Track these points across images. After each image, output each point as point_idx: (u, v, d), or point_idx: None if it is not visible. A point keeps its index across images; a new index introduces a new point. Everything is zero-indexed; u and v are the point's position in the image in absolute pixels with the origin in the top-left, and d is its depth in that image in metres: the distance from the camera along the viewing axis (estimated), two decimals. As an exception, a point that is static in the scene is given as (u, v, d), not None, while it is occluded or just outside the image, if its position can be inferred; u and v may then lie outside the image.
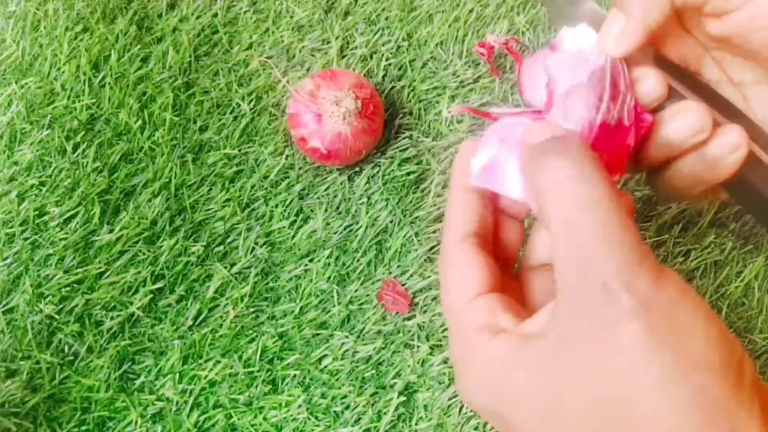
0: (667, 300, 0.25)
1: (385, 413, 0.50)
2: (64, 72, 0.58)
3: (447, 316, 0.32)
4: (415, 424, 0.50)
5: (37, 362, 0.50)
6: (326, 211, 0.56)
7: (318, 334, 0.53)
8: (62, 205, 0.54)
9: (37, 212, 0.54)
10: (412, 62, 0.62)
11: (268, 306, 0.53)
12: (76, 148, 0.56)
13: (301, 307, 0.53)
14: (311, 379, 0.51)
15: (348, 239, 0.55)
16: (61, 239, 0.53)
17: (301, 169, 0.57)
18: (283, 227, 0.55)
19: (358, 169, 0.57)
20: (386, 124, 0.58)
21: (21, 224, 0.53)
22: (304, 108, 0.54)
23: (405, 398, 0.51)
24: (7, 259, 0.52)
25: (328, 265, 0.54)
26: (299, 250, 0.55)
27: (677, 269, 0.56)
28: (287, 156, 0.57)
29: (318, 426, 0.50)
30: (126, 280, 0.52)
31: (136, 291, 0.53)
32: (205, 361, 0.51)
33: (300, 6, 0.63)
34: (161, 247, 0.54)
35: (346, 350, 0.52)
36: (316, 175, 0.57)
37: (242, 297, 0.53)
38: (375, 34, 0.62)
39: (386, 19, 0.63)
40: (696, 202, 0.55)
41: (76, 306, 0.51)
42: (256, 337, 0.52)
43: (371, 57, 0.61)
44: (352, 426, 0.50)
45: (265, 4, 0.63)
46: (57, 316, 0.51)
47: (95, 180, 0.55)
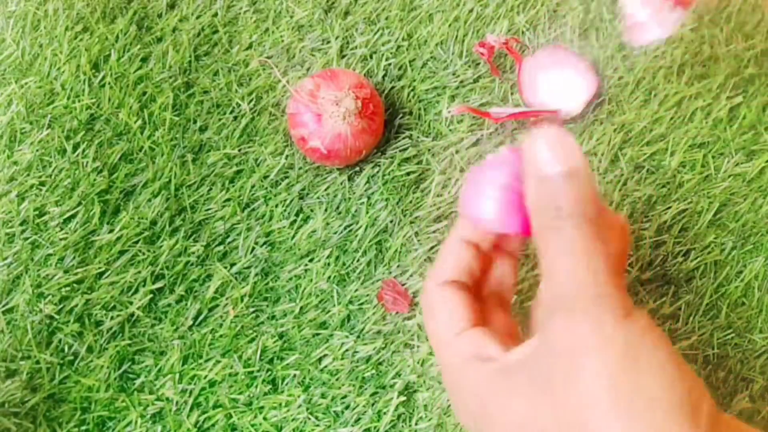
0: (629, 338, 0.26)
1: (385, 413, 0.50)
2: (64, 72, 0.58)
3: (437, 349, 0.34)
4: (415, 424, 0.50)
5: (37, 362, 0.50)
6: (326, 210, 0.56)
7: (318, 334, 0.53)
8: (62, 205, 0.54)
9: (37, 212, 0.54)
10: (412, 62, 0.61)
11: (268, 306, 0.53)
12: (76, 147, 0.56)
13: (301, 307, 0.53)
14: (311, 379, 0.51)
15: (348, 239, 0.55)
16: (61, 239, 0.53)
17: (301, 169, 0.57)
18: (283, 227, 0.55)
19: (358, 169, 0.57)
20: (386, 124, 0.58)
21: (21, 224, 0.53)
22: (304, 108, 0.54)
23: (405, 398, 0.51)
24: (7, 259, 0.52)
25: (328, 265, 0.54)
26: (299, 249, 0.55)
27: (677, 269, 0.56)
28: (287, 156, 0.57)
29: (318, 426, 0.50)
30: (126, 280, 0.52)
31: (136, 291, 0.53)
32: (205, 361, 0.51)
33: (300, 6, 0.63)
34: (161, 247, 0.54)
35: (346, 350, 0.52)
36: (316, 175, 0.57)
37: (242, 297, 0.53)
38: (375, 34, 0.62)
39: (386, 18, 0.63)
40: None
41: (76, 306, 0.51)
42: (256, 337, 0.52)
43: (371, 57, 0.61)
44: (352, 426, 0.50)
45: (265, 4, 0.63)
46: (57, 316, 0.51)
47: (95, 180, 0.55)
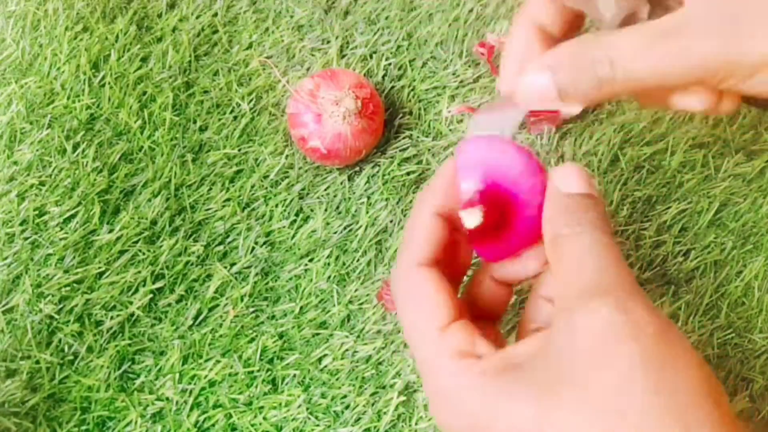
0: (660, 327, 0.26)
1: (385, 413, 0.50)
2: (63, 72, 0.58)
3: (417, 347, 0.30)
4: (415, 424, 0.50)
5: (37, 362, 0.50)
6: (326, 210, 0.56)
7: (318, 334, 0.53)
8: (62, 204, 0.54)
9: (37, 212, 0.54)
10: (412, 62, 0.62)
11: (268, 306, 0.53)
12: (75, 147, 0.56)
13: (301, 307, 0.53)
14: (311, 379, 0.51)
15: (348, 239, 0.55)
16: (61, 239, 0.53)
17: (301, 168, 0.57)
18: (283, 227, 0.55)
19: (358, 169, 0.57)
20: (386, 124, 0.58)
21: (21, 224, 0.53)
22: (304, 108, 0.54)
23: (405, 398, 0.51)
24: (7, 258, 0.52)
25: (328, 264, 0.54)
26: (299, 249, 0.55)
27: (677, 269, 0.56)
28: (287, 156, 0.57)
29: (318, 426, 0.50)
30: (126, 279, 0.52)
31: (136, 291, 0.53)
32: (205, 361, 0.51)
33: (300, 6, 0.63)
34: (161, 246, 0.54)
35: (346, 350, 0.52)
36: (316, 175, 0.57)
37: (242, 297, 0.53)
38: (375, 34, 0.62)
39: (386, 18, 0.63)
40: None
41: (76, 306, 0.51)
42: (256, 336, 0.52)
43: (371, 57, 0.61)
44: (352, 426, 0.50)
45: (265, 4, 0.63)
46: (57, 316, 0.51)
47: (95, 180, 0.55)
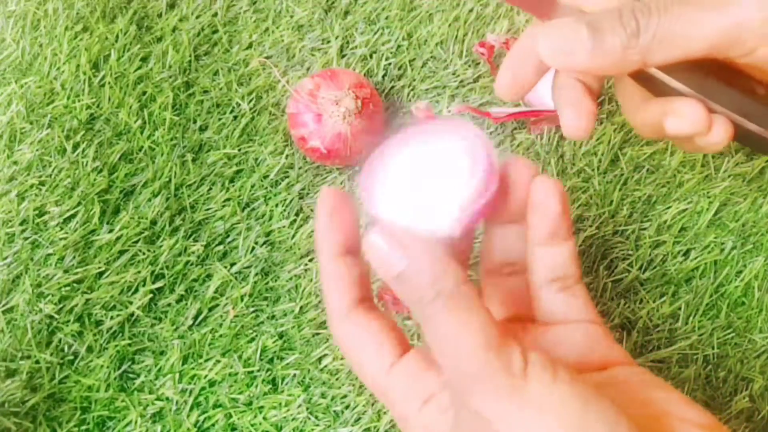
0: (524, 405, 0.25)
1: (385, 413, 0.50)
2: (63, 71, 0.58)
3: (372, 391, 0.31)
4: (415, 424, 0.50)
5: (37, 362, 0.50)
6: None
7: (318, 334, 0.53)
8: (62, 204, 0.54)
9: (37, 212, 0.54)
10: (412, 62, 0.62)
11: (268, 305, 0.53)
12: (75, 147, 0.56)
13: (301, 307, 0.53)
14: (311, 379, 0.51)
15: (348, 239, 0.55)
16: (61, 239, 0.53)
17: (301, 168, 0.57)
18: (283, 227, 0.55)
19: (358, 169, 0.57)
20: (386, 124, 0.58)
21: (21, 224, 0.53)
22: (304, 108, 0.54)
23: (405, 398, 0.51)
24: (6, 258, 0.52)
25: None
26: (299, 249, 0.55)
27: (677, 269, 0.56)
28: (287, 156, 0.57)
29: (318, 425, 0.50)
30: (126, 279, 0.52)
31: (136, 291, 0.53)
32: (205, 361, 0.51)
33: (300, 5, 0.63)
34: (161, 246, 0.54)
35: (346, 350, 0.52)
36: (316, 175, 0.57)
37: (242, 296, 0.53)
38: (375, 34, 0.62)
39: (386, 18, 0.63)
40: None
41: (76, 305, 0.51)
42: (256, 336, 0.52)
43: (371, 56, 0.61)
44: (352, 425, 0.50)
45: (265, 4, 0.63)
46: (57, 316, 0.51)
47: (95, 179, 0.55)
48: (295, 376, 0.51)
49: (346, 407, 0.51)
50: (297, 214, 0.56)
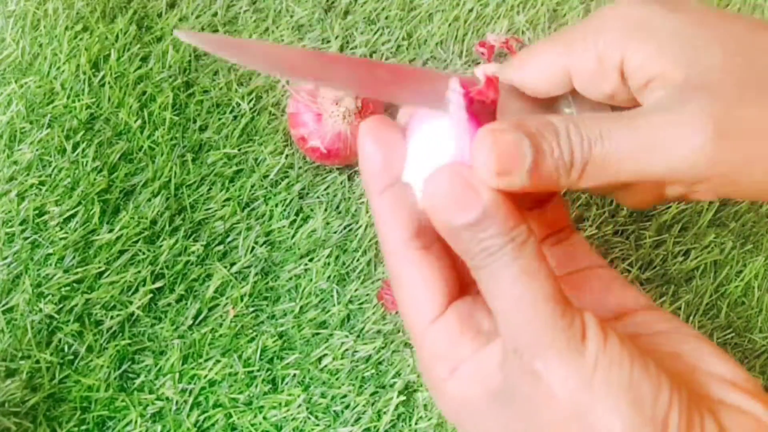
0: (585, 374, 0.25)
1: (385, 413, 0.50)
2: (63, 71, 0.58)
3: (410, 336, 0.30)
4: (415, 424, 0.50)
5: (37, 361, 0.50)
6: (326, 210, 0.56)
7: (318, 334, 0.53)
8: (62, 204, 0.54)
9: (37, 211, 0.54)
10: (412, 61, 0.61)
11: (267, 305, 0.53)
12: (75, 147, 0.56)
13: (301, 307, 0.53)
14: (311, 379, 0.51)
15: (348, 238, 0.55)
16: (61, 239, 0.53)
17: (300, 168, 0.57)
18: (283, 226, 0.55)
19: (358, 169, 0.57)
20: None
21: (21, 223, 0.53)
22: (303, 107, 0.54)
23: (405, 398, 0.51)
24: (6, 258, 0.52)
25: (328, 264, 0.54)
26: (299, 249, 0.55)
27: (677, 269, 0.56)
28: (287, 155, 0.57)
29: (318, 425, 0.50)
30: (126, 279, 0.52)
31: (136, 290, 0.53)
32: (205, 361, 0.51)
33: (300, 5, 0.63)
34: (161, 246, 0.54)
35: (346, 350, 0.52)
36: (316, 175, 0.57)
37: (242, 296, 0.53)
38: (375, 34, 0.62)
39: (386, 18, 0.63)
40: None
41: (76, 305, 0.51)
42: (256, 336, 0.52)
43: (371, 56, 0.61)
44: (352, 425, 0.50)
45: (265, 4, 0.63)
46: (57, 316, 0.51)
47: (95, 179, 0.55)
48: (295, 375, 0.51)
49: (346, 407, 0.51)
50: (297, 214, 0.56)
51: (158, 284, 0.53)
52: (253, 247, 0.55)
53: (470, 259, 0.27)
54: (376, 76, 0.31)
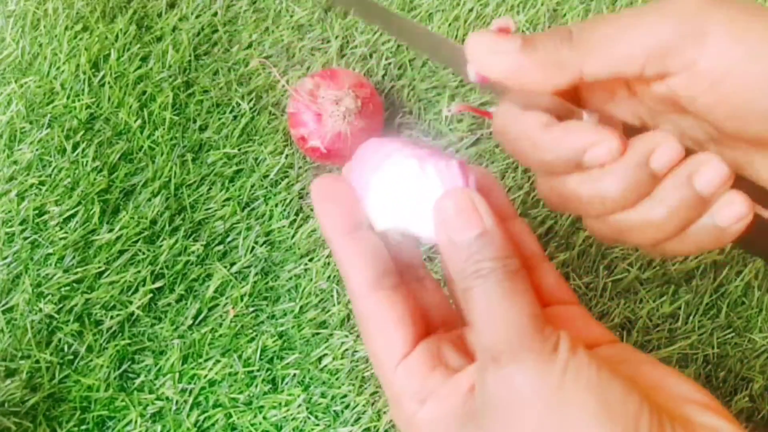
0: (552, 381, 0.27)
1: (384, 413, 0.50)
2: (63, 71, 0.58)
3: (379, 376, 0.31)
4: (415, 424, 0.50)
5: (37, 361, 0.50)
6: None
7: (318, 334, 0.53)
8: (62, 204, 0.54)
9: (37, 211, 0.54)
10: (412, 61, 0.61)
11: (267, 305, 0.53)
12: (75, 147, 0.56)
13: (301, 307, 0.53)
14: (311, 379, 0.51)
15: (348, 238, 0.55)
16: (61, 238, 0.53)
17: (300, 168, 0.57)
18: (283, 226, 0.55)
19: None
20: (386, 124, 0.58)
21: (21, 223, 0.53)
22: (303, 107, 0.54)
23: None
24: (6, 258, 0.52)
25: (328, 264, 0.54)
26: (299, 249, 0.55)
27: (677, 269, 0.56)
28: (287, 155, 0.57)
29: (318, 425, 0.50)
30: (126, 279, 0.52)
31: (136, 290, 0.53)
32: (205, 361, 0.51)
33: (300, 5, 0.63)
34: (161, 246, 0.54)
35: (346, 349, 0.52)
36: (316, 175, 0.57)
37: (242, 296, 0.53)
38: (375, 33, 0.62)
39: (386, 18, 0.63)
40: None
41: (76, 305, 0.51)
42: (256, 336, 0.52)
43: (371, 56, 0.61)
44: (352, 425, 0.50)
45: (265, 3, 0.63)
46: (57, 316, 0.51)
47: (95, 179, 0.55)
48: (295, 375, 0.51)
49: (346, 407, 0.51)
50: (297, 214, 0.56)
51: (158, 284, 0.53)
52: (253, 247, 0.55)
53: (463, 279, 0.28)
54: None
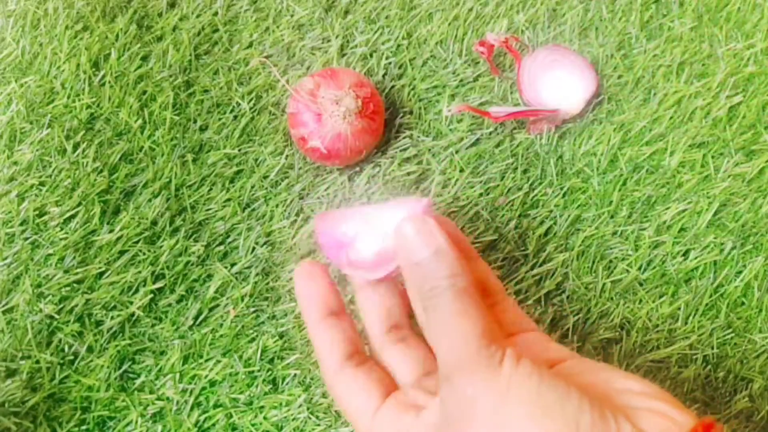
0: (500, 389, 0.30)
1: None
2: (64, 71, 0.58)
3: None
4: (415, 424, 0.51)
5: (37, 362, 0.50)
6: (326, 210, 0.56)
7: (318, 334, 0.53)
8: (62, 204, 0.54)
9: (37, 212, 0.54)
10: (412, 61, 0.61)
11: (268, 306, 0.53)
12: (76, 147, 0.56)
13: (302, 307, 0.53)
14: (312, 379, 0.51)
15: (348, 239, 0.55)
16: (61, 239, 0.53)
17: (301, 168, 0.57)
18: (284, 227, 0.55)
19: (358, 169, 0.57)
20: (386, 124, 0.58)
21: (21, 224, 0.53)
22: (304, 107, 0.54)
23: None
24: (7, 258, 0.52)
25: (328, 264, 0.54)
26: (300, 249, 0.55)
27: (677, 269, 0.56)
28: (287, 156, 0.57)
29: (318, 425, 0.50)
30: (126, 279, 0.52)
31: (137, 291, 0.53)
32: (206, 361, 0.51)
33: (300, 4, 0.63)
34: (161, 246, 0.54)
35: (347, 350, 0.52)
36: (317, 175, 0.57)
37: (243, 297, 0.53)
38: (375, 33, 0.62)
39: (386, 17, 0.63)
40: None
41: (76, 306, 0.51)
42: (257, 336, 0.52)
43: (371, 56, 0.61)
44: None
45: (266, 3, 0.63)
46: (57, 316, 0.51)
47: (95, 180, 0.55)
48: (295, 376, 0.51)
49: (347, 407, 0.51)
50: (297, 215, 0.56)
51: (159, 284, 0.53)
52: (254, 248, 0.55)
53: (421, 297, 0.33)
54: None
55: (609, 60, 0.62)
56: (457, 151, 0.58)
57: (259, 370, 0.51)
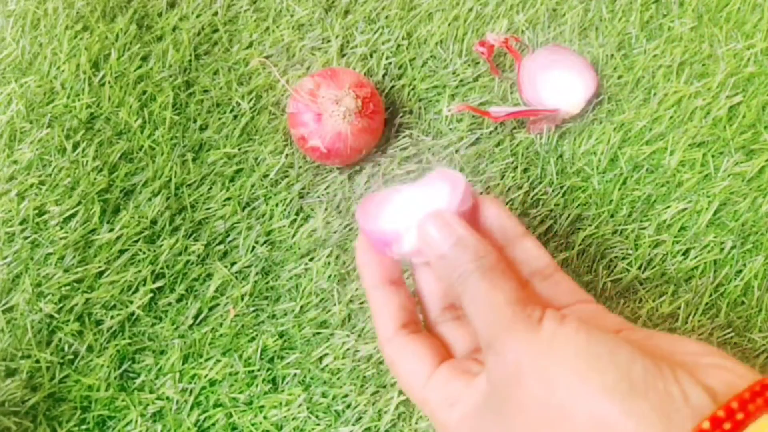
0: (542, 348, 0.30)
1: (385, 412, 0.50)
2: (63, 71, 0.58)
3: (414, 401, 0.36)
4: (416, 423, 0.50)
5: (37, 361, 0.50)
6: (326, 210, 0.56)
7: (318, 333, 0.53)
8: (62, 204, 0.54)
9: (37, 211, 0.54)
10: (412, 61, 0.62)
11: (268, 305, 0.53)
12: (75, 147, 0.56)
13: (302, 306, 0.53)
14: (312, 378, 0.51)
15: (348, 238, 0.55)
16: (61, 238, 0.53)
17: (301, 168, 0.57)
18: (284, 226, 0.55)
19: (358, 168, 0.57)
20: (386, 123, 0.58)
21: (21, 223, 0.53)
22: (304, 107, 0.54)
23: (405, 397, 0.51)
24: (6, 258, 0.52)
25: (329, 264, 0.54)
26: (299, 249, 0.55)
27: (677, 268, 0.56)
28: (287, 155, 0.57)
29: (319, 425, 0.50)
30: (126, 279, 0.52)
31: (136, 290, 0.53)
32: (206, 360, 0.51)
33: (300, 4, 0.63)
34: (161, 246, 0.54)
35: (347, 349, 0.52)
36: (316, 174, 0.57)
37: (242, 296, 0.53)
38: (375, 33, 0.62)
39: (386, 17, 0.63)
40: None
41: (76, 305, 0.51)
42: (257, 336, 0.52)
43: (371, 56, 0.61)
44: (353, 425, 0.50)
45: (266, 3, 0.63)
46: (57, 315, 0.51)
47: (95, 179, 0.55)
48: (295, 375, 0.51)
49: (347, 407, 0.51)
50: (297, 214, 0.56)
51: (158, 284, 0.53)
52: (254, 247, 0.55)
53: (452, 284, 0.34)
54: None
55: (609, 60, 0.62)
56: (457, 151, 0.58)
57: (258, 370, 0.51)
